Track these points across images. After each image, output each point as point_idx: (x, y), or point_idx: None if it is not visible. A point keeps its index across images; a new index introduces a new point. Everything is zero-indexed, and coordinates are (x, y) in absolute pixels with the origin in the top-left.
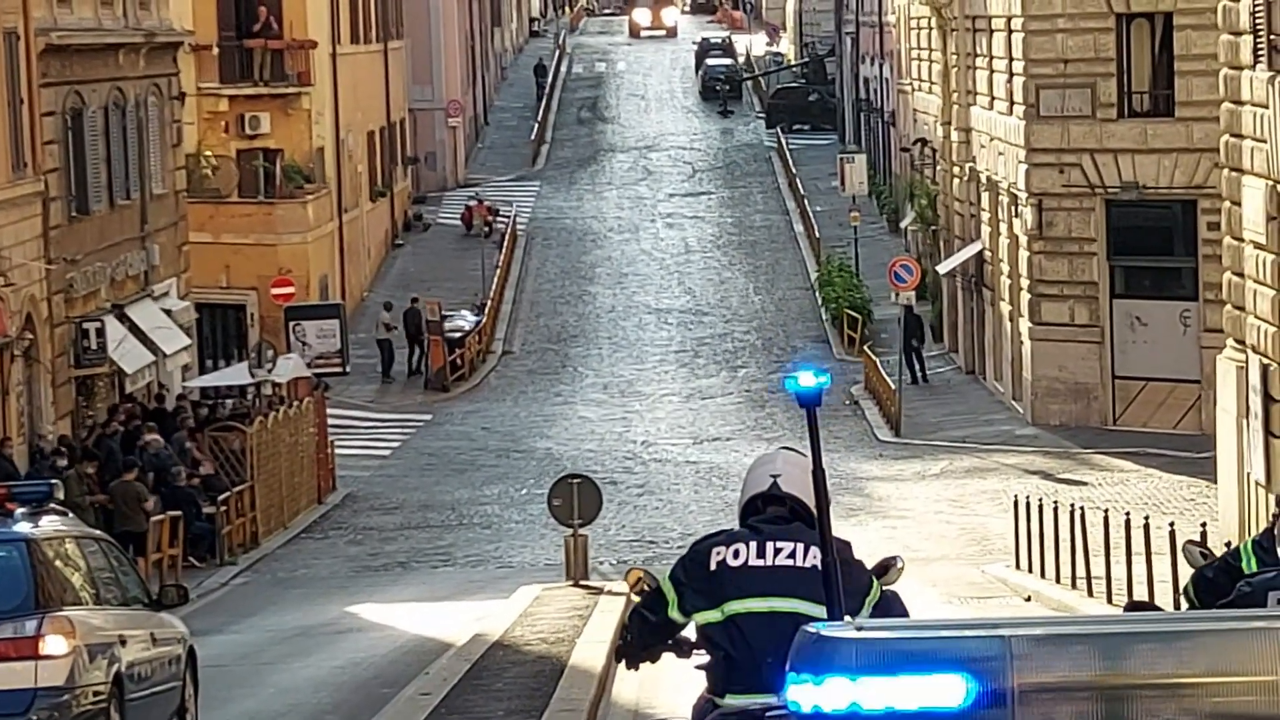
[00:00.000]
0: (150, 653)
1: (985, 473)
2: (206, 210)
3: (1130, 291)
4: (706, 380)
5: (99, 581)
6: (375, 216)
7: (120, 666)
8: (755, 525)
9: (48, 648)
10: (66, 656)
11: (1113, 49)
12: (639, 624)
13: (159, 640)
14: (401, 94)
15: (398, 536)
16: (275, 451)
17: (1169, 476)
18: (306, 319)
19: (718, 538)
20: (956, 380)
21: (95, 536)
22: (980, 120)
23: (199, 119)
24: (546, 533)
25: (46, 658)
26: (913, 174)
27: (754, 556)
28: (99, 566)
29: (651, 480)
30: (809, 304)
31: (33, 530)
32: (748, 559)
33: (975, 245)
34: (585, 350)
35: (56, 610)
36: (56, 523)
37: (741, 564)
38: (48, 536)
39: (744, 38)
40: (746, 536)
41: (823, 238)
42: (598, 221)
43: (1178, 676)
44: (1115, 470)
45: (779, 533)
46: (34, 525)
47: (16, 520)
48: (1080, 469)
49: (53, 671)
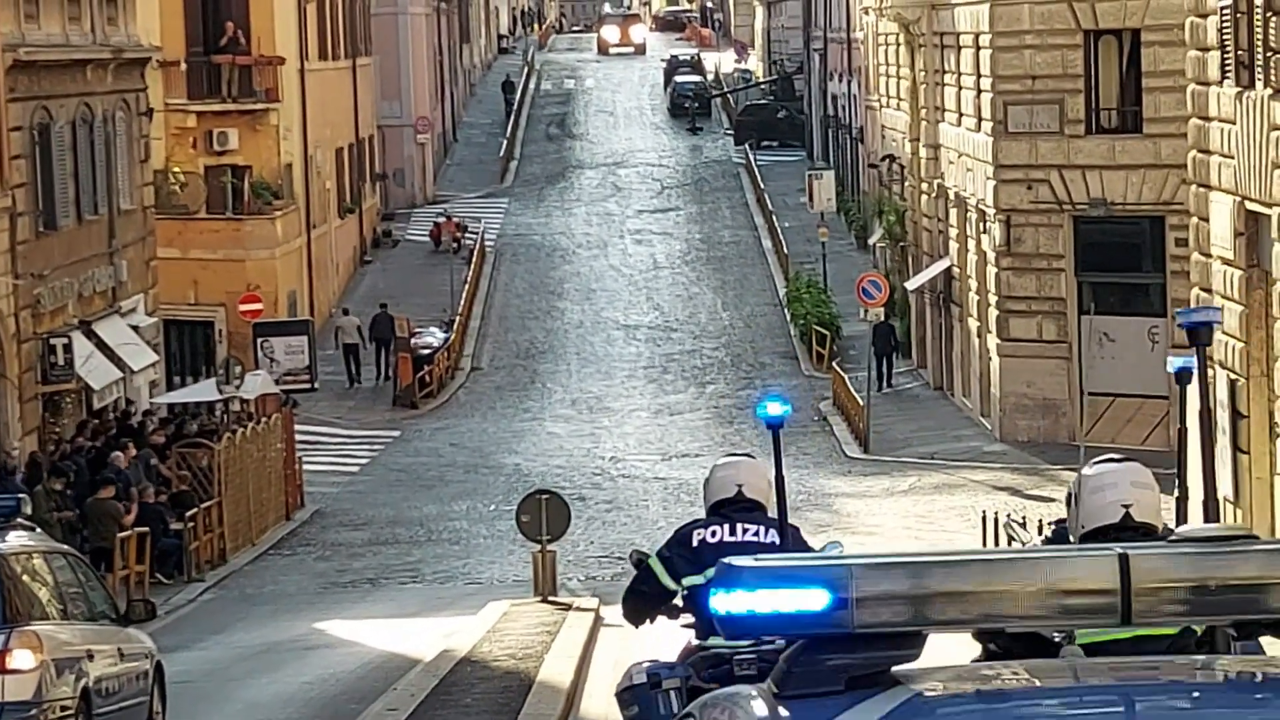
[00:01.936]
0: (118, 668)
1: (953, 489)
2: (175, 226)
3: (1099, 308)
4: (675, 396)
5: (66, 596)
6: (344, 233)
7: (88, 681)
8: (725, 514)
9: (14, 662)
10: (34, 671)
11: (1081, 65)
12: (635, 599)
13: (126, 655)
14: (370, 110)
15: (366, 553)
16: (243, 468)
17: None
18: (275, 335)
19: (695, 524)
20: (925, 396)
21: (62, 551)
22: (948, 136)
23: (167, 135)
24: (515, 549)
25: (13, 672)
26: (881, 190)
27: (727, 535)
28: (66, 581)
29: (620, 496)
30: (777, 320)
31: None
32: (723, 537)
33: (943, 261)
34: (554, 366)
35: (24, 625)
36: (24, 537)
37: (718, 541)
38: (15, 551)
39: (713, 55)
40: (719, 521)
41: (791, 254)
42: (566, 238)
43: (960, 589)
44: None
45: (745, 518)
46: (1, 540)
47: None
48: (1048, 485)
49: (20, 686)
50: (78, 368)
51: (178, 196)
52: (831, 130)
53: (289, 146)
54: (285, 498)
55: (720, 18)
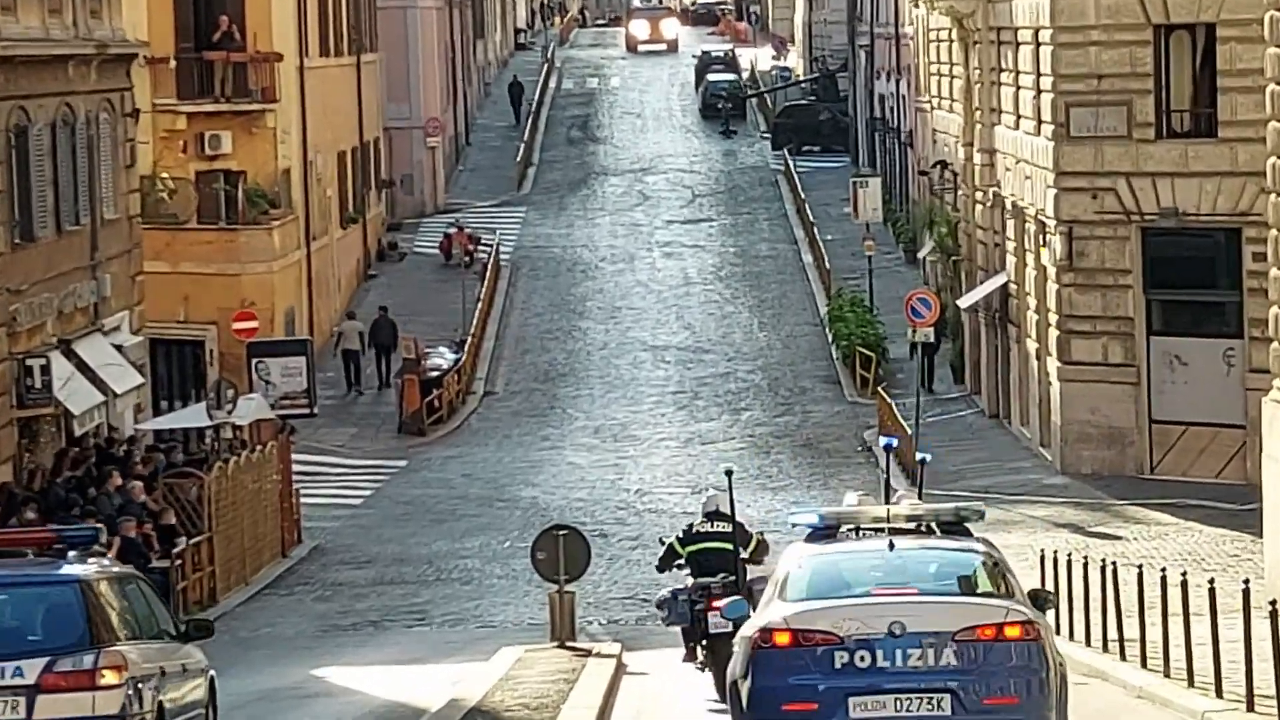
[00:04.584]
0: (183, 683)
1: (1010, 526)
2: (162, 237)
3: (1169, 328)
4: (707, 424)
5: (137, 616)
6: (346, 245)
7: (162, 697)
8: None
9: (104, 680)
10: (119, 688)
11: (1150, 63)
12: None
13: (189, 671)
14: (375, 112)
15: (369, 593)
16: (235, 500)
17: (1210, 530)
18: (271, 356)
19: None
20: (979, 424)
21: (132, 575)
22: (1005, 141)
23: (154, 138)
24: (530, 589)
25: (103, 689)
26: (932, 199)
27: (709, 527)
28: (136, 602)
29: (646, 532)
30: (818, 341)
31: (85, 571)
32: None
33: (1000, 277)
34: (575, 391)
35: (109, 645)
36: (101, 563)
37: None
38: (98, 576)
39: (749, 51)
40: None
41: (834, 269)
42: (589, 251)
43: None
44: (1151, 523)
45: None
46: (84, 566)
47: (70, 562)
48: (1113, 521)
49: (108, 702)
50: (56, 391)
51: (166, 205)
52: (878, 134)
53: (287, 150)
54: (281, 533)
55: (757, 11)
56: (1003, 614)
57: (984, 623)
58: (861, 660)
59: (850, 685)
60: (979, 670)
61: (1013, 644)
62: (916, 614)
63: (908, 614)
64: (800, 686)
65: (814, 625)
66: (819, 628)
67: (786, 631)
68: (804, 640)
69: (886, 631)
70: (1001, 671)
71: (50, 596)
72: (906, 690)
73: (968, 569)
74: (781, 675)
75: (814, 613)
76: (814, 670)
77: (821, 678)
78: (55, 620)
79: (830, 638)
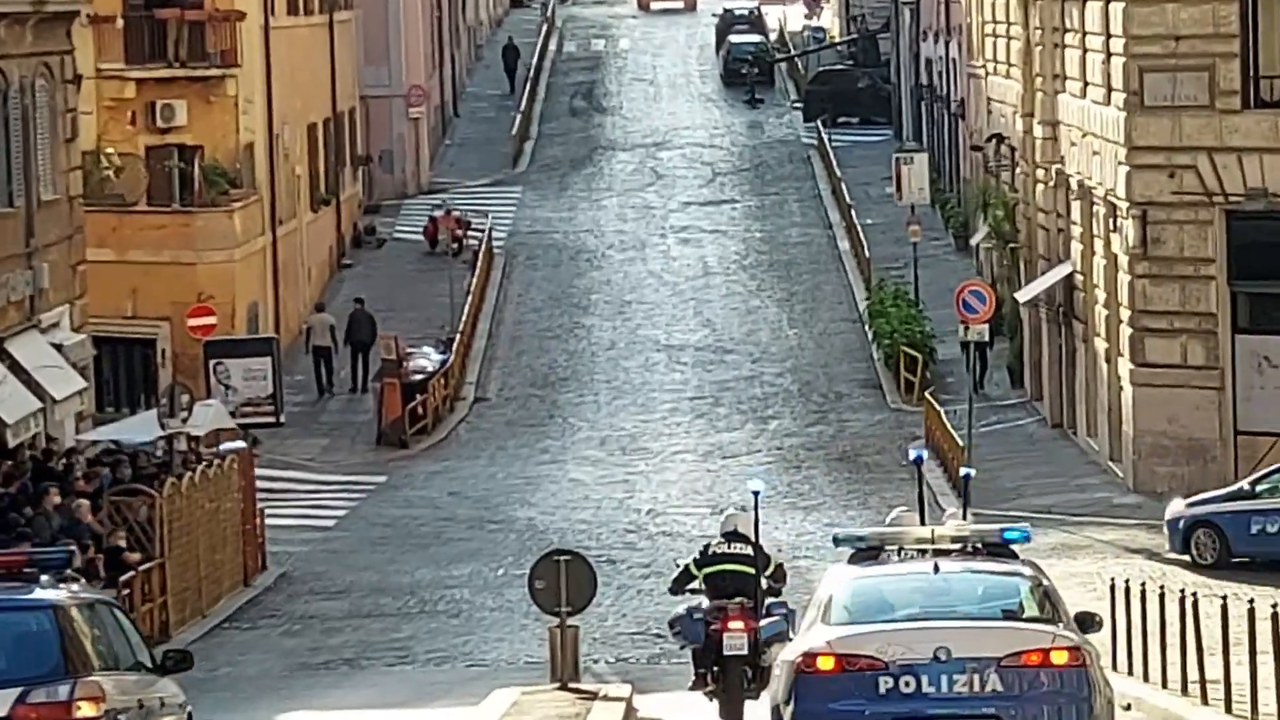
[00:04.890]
0: (161, 718)
1: (1075, 551)
2: (108, 221)
3: (1257, 325)
4: (729, 434)
5: (114, 646)
6: (317, 230)
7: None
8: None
9: (80, 712)
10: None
11: (1235, 22)
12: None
13: (166, 705)
14: (350, 78)
15: (344, 627)
16: (191, 522)
17: None
18: (231, 356)
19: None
20: (1040, 435)
21: (104, 601)
22: (1070, 111)
23: (99, 108)
24: (528, 623)
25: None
26: (986, 178)
27: (727, 548)
28: (110, 631)
29: (659, 559)
30: (857, 340)
31: (59, 596)
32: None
33: (1064, 267)
34: (578, 397)
35: (86, 675)
36: (73, 588)
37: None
38: (71, 602)
39: (777, 9)
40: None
41: (874, 257)
42: (594, 237)
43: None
44: None
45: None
46: (58, 591)
47: (43, 586)
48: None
49: None
50: None
51: (112, 184)
52: (925, 103)
53: (250, 122)
54: (244, 558)
55: None
56: (1049, 639)
57: (1029, 648)
58: (906, 685)
59: (895, 711)
60: (1024, 696)
61: (1058, 670)
62: (961, 639)
63: (953, 639)
64: (844, 712)
65: (858, 650)
66: (863, 652)
67: (830, 656)
68: (848, 665)
69: (931, 656)
70: (1047, 697)
71: (22, 623)
72: (951, 716)
73: (1013, 592)
74: (825, 700)
75: (858, 637)
76: (858, 695)
77: (866, 703)
78: (28, 649)
79: (875, 663)
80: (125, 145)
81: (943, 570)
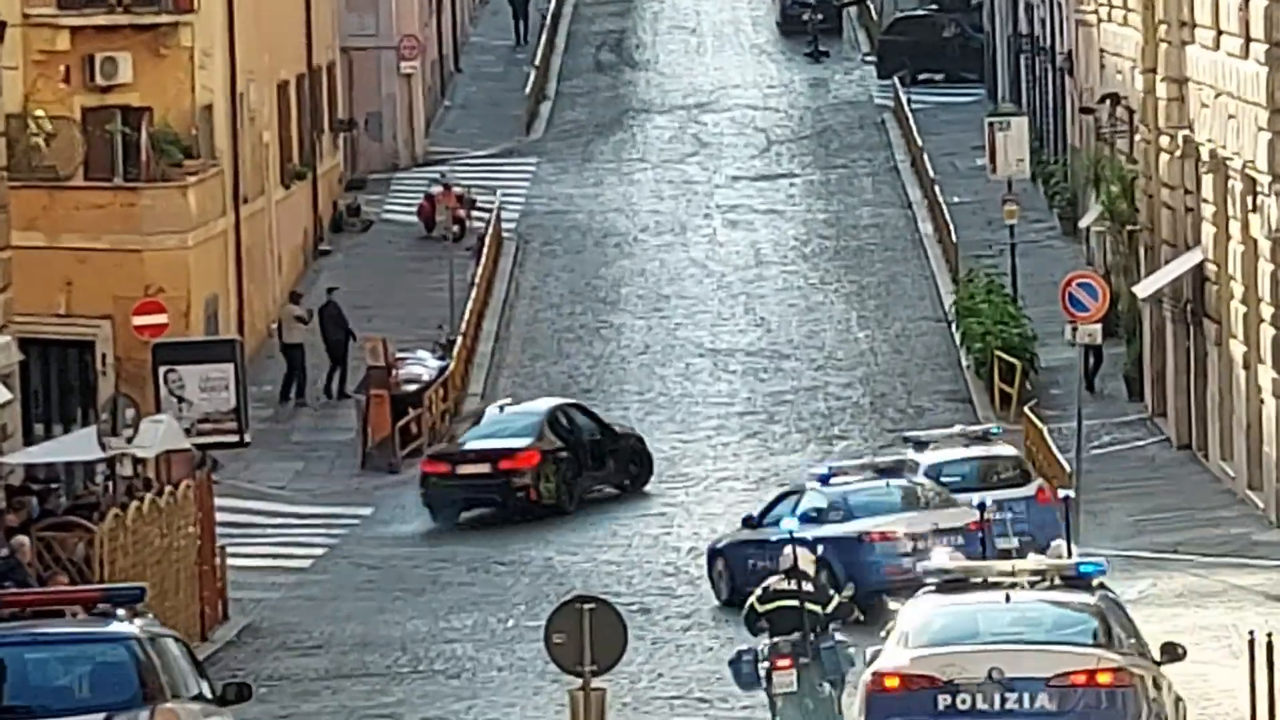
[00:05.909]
0: None
1: (1206, 598)
2: (37, 199)
3: None
4: (787, 457)
5: (180, 677)
6: (290, 209)
7: None
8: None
9: None
10: None
11: None
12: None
13: None
14: (329, 26)
15: (321, 689)
16: (138, 560)
17: None
18: (186, 362)
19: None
20: (1165, 458)
21: (173, 635)
22: (1201, 67)
23: (26, 62)
24: (544, 685)
25: None
26: (1099, 147)
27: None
28: (177, 663)
29: (703, 608)
30: (942, 343)
31: (135, 629)
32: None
33: (1193, 255)
34: (604, 411)
35: (161, 703)
36: (145, 622)
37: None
38: (145, 635)
39: None
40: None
41: (962, 243)
42: (625, 218)
43: None
44: None
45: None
46: (133, 625)
47: (120, 620)
48: None
49: None
50: None
51: (42, 154)
52: (1024, 57)
53: (208, 80)
54: (200, 606)
55: None
56: (1094, 661)
57: (1077, 669)
58: (962, 703)
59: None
60: (1072, 714)
61: (1104, 690)
62: (1013, 660)
63: (1005, 660)
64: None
65: (919, 670)
66: (923, 672)
67: (895, 676)
68: (910, 684)
69: (985, 676)
70: (1094, 715)
71: (103, 655)
72: None
73: (1075, 619)
74: (889, 716)
75: (921, 659)
76: (919, 712)
77: (926, 718)
78: (109, 678)
79: (934, 681)
80: (58, 107)
81: (1014, 600)
